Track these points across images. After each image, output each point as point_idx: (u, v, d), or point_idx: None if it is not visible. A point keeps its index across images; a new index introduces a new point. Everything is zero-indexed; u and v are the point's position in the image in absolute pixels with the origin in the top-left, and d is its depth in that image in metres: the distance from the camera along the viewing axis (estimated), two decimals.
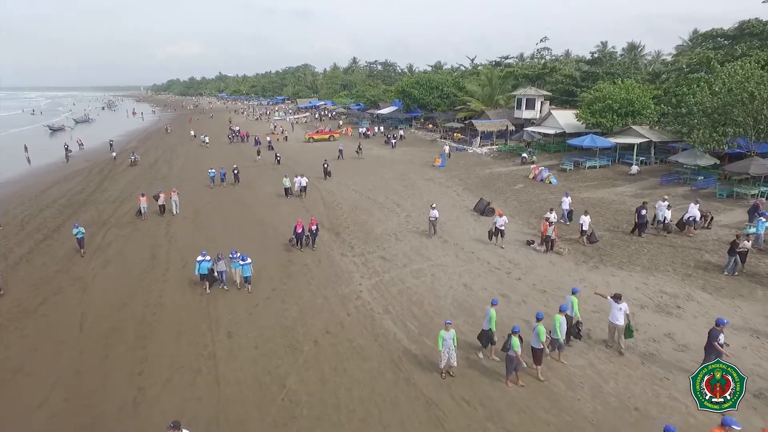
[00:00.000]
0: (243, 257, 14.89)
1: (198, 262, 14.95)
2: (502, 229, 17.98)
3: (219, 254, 15.19)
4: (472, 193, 27.25)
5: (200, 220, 23.58)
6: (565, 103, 48.16)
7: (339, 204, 25.61)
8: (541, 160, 35.80)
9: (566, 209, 20.80)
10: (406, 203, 25.37)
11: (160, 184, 32.96)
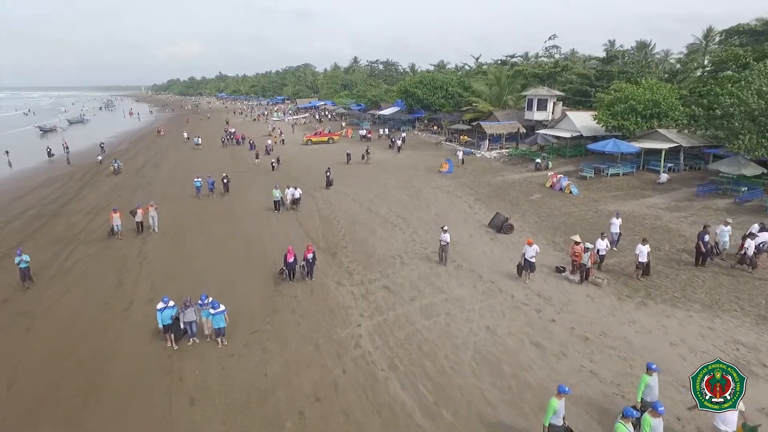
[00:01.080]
0: (214, 304, 11.85)
1: (159, 311, 11.74)
2: (533, 261, 14.73)
3: (186, 301, 11.94)
4: (485, 204, 24.53)
5: (181, 237, 20.88)
6: (578, 104, 45.43)
7: (337, 217, 22.92)
8: (557, 166, 33.08)
9: (616, 233, 17.60)
10: (412, 217, 22.66)
11: (144, 192, 30.40)
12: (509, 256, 17.24)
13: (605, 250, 15.41)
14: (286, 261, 15.32)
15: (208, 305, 11.77)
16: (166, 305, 11.66)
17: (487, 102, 48.17)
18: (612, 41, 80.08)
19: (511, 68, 54.78)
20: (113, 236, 20.59)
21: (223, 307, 11.67)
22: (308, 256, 15.40)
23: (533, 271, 14.85)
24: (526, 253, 14.69)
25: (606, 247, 15.44)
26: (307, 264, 15.48)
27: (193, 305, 11.74)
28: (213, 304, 11.68)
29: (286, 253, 15.46)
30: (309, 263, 15.46)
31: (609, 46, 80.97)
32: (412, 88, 59.03)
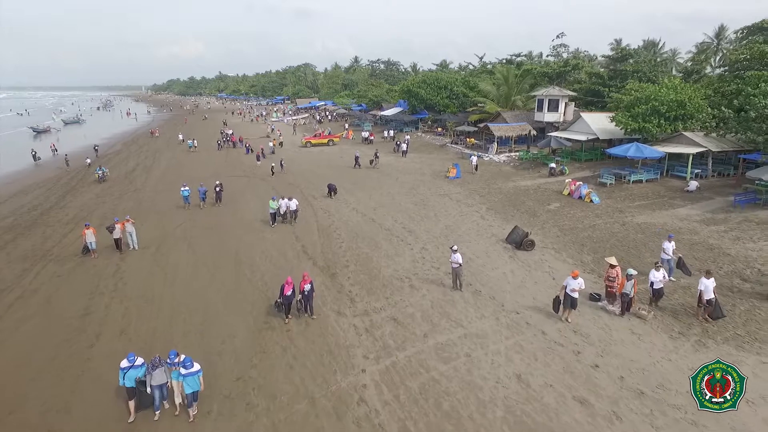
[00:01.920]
0: (186, 363, 9.26)
1: (121, 370, 9.29)
2: (576, 296, 12.09)
3: (154, 361, 9.44)
4: (499, 215, 22.44)
5: (163, 253, 18.79)
6: (590, 105, 43.36)
7: (337, 230, 20.84)
8: (572, 171, 31.00)
9: (669, 258, 14.68)
10: (420, 229, 20.58)
11: (131, 199, 28.37)
12: (533, 278, 15.15)
13: (661, 282, 12.69)
14: (282, 294, 12.79)
15: (179, 365, 9.32)
16: (132, 365, 9.23)
17: (494, 102, 46.10)
18: (618, 40, 78.05)
19: (518, 67, 52.64)
20: (87, 254, 18.35)
21: (197, 367, 9.25)
22: (305, 288, 12.80)
23: (574, 308, 12.27)
24: (568, 285, 12.09)
25: (663, 279, 12.70)
26: (305, 297, 12.92)
27: (162, 365, 9.34)
28: (184, 362, 9.25)
29: (283, 285, 12.80)
30: (306, 296, 12.91)
31: (616, 45, 79.24)
32: (416, 88, 57.03)
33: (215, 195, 25.56)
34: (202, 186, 25.47)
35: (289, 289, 12.69)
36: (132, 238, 19.00)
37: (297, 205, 21.74)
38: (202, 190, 25.12)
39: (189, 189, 25.12)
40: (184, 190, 25.03)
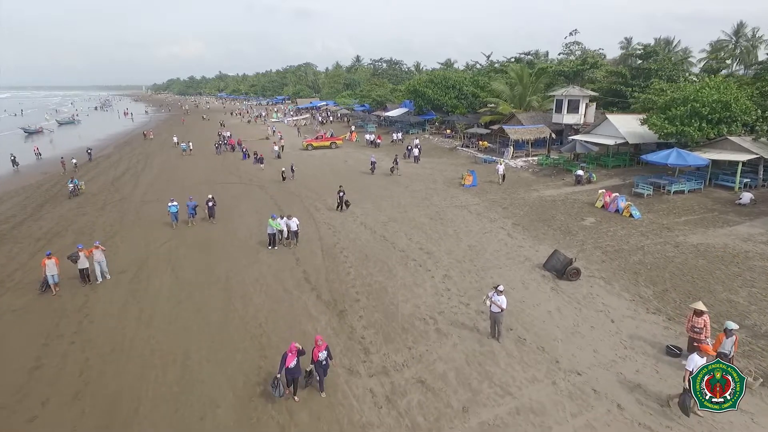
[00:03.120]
0: None
1: None
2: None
3: None
4: (528, 232, 19.67)
5: (141, 281, 16.06)
6: (611, 105, 40.60)
7: (343, 250, 18.09)
8: (599, 179, 28.22)
9: None
10: (439, 250, 17.82)
11: (114, 210, 25.66)
12: (586, 320, 12.40)
13: None
14: (284, 364, 9.32)
15: None
16: None
17: (507, 103, 43.32)
18: (629, 39, 75.42)
19: (530, 66, 49.82)
20: (47, 291, 15.07)
21: None
22: (319, 356, 9.56)
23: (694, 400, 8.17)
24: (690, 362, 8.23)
25: None
26: (318, 369, 9.66)
27: None
28: None
29: (285, 354, 9.41)
30: (321, 367, 9.66)
31: (626, 44, 76.42)
32: (422, 88, 54.25)
33: (207, 210, 22.38)
34: (192, 200, 22.23)
35: (293, 360, 9.36)
36: (102, 267, 15.94)
37: (298, 225, 18.76)
38: (192, 204, 21.95)
39: (178, 204, 21.76)
40: (172, 205, 21.57)
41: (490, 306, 11.27)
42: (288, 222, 18.38)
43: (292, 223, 18.36)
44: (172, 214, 21.52)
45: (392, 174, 32.28)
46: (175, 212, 21.53)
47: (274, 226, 18.28)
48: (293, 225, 18.43)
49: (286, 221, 18.40)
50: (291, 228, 18.39)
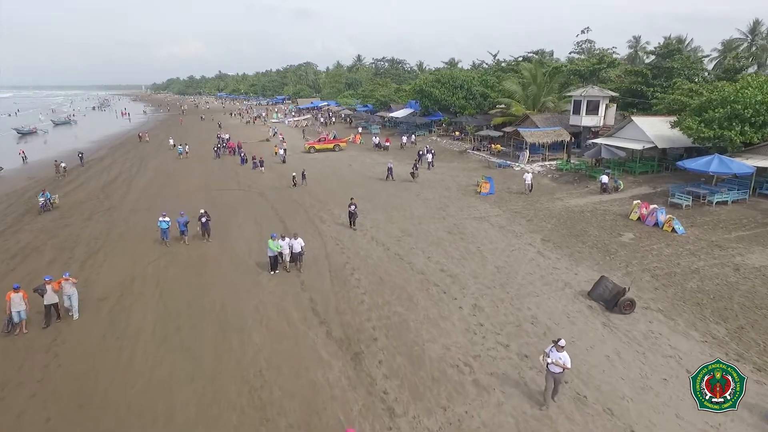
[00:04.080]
0: None
1: None
2: None
3: None
4: (561, 250, 17.52)
5: (123, 310, 13.92)
6: (630, 106, 38.44)
7: (354, 272, 15.97)
8: (626, 186, 26.08)
9: None
10: (463, 272, 15.69)
11: (101, 221, 23.54)
12: (654, 369, 10.23)
13: None
14: None
15: None
16: None
17: (519, 104, 41.18)
18: (637, 37, 73.32)
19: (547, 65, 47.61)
20: (11, 331, 12.52)
21: None
22: None
23: None
24: None
25: None
26: None
27: None
28: None
29: None
30: None
31: (634, 43, 74.29)
32: (429, 88, 52.13)
33: (201, 227, 19.48)
34: (183, 216, 19.30)
35: None
36: (72, 301, 13.36)
37: (302, 246, 16.17)
38: (182, 221, 19.05)
39: (168, 220, 19.06)
40: (163, 221, 18.91)
41: (547, 365, 9.04)
42: (292, 243, 15.99)
43: (296, 244, 16.00)
44: (162, 231, 18.95)
45: (413, 180, 29.91)
46: (165, 229, 18.95)
47: (274, 248, 15.78)
48: (297, 246, 15.99)
49: (289, 242, 16.01)
50: (295, 249, 15.98)
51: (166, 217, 19.11)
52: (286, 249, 15.83)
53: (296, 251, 15.95)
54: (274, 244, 15.82)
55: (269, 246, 15.87)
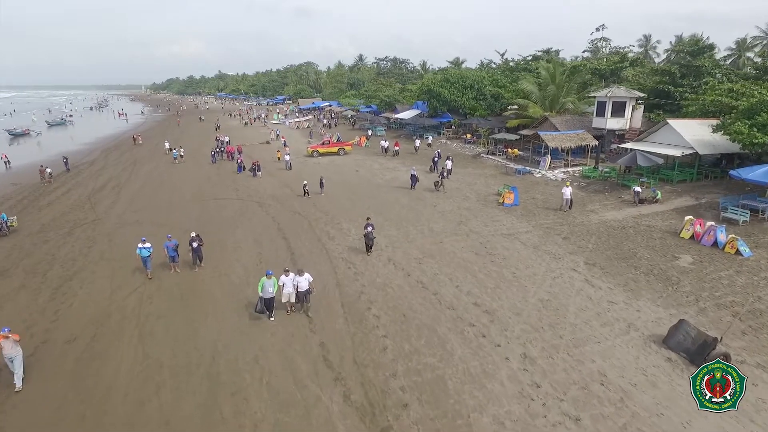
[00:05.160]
0: None
1: None
2: None
3: None
4: (612, 277, 15.01)
5: (91, 364, 11.33)
6: (656, 107, 35.90)
7: (371, 306, 13.46)
8: (666, 197, 23.57)
9: None
10: (501, 306, 13.19)
11: (83, 235, 21.14)
12: None
13: None
14: None
15: None
16: None
17: (536, 105, 38.69)
18: (648, 36, 70.87)
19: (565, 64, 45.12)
20: None
21: None
22: None
23: None
24: None
25: None
26: None
27: None
28: None
29: None
30: None
31: (644, 42, 71.85)
32: (437, 88, 49.68)
33: (191, 252, 16.40)
34: (171, 240, 16.07)
35: None
36: (14, 366, 10.35)
37: (310, 283, 12.92)
38: (171, 245, 15.88)
39: (151, 247, 15.83)
40: (144, 248, 15.62)
41: None
42: (297, 280, 12.67)
43: (302, 281, 12.68)
44: (143, 260, 15.68)
45: (438, 190, 27.08)
46: (147, 257, 15.66)
47: (271, 289, 12.48)
48: (304, 283, 12.67)
49: (294, 279, 12.69)
50: (300, 287, 12.67)
51: (147, 244, 15.74)
52: (289, 287, 12.67)
53: (302, 289, 12.74)
54: (269, 282, 12.47)
55: (262, 284, 12.53)
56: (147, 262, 15.75)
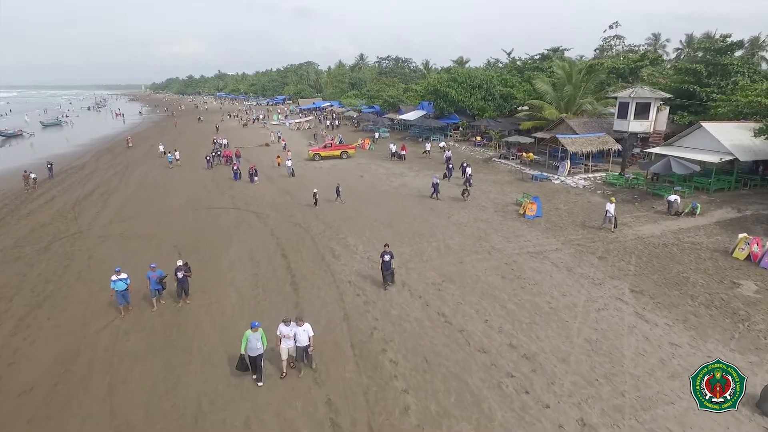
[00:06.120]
0: None
1: None
2: None
3: None
4: (665, 310, 12.85)
5: (46, 425, 9.30)
6: (680, 109, 33.73)
7: (386, 348, 11.30)
8: (704, 208, 21.42)
9: None
10: (543, 349, 11.05)
11: (60, 252, 19.06)
12: None
13: None
14: None
15: None
16: None
17: (551, 106, 36.54)
18: (656, 35, 68.75)
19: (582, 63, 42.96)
20: None
21: None
22: None
23: None
24: None
25: None
26: None
27: None
28: None
29: None
30: None
31: (653, 40, 69.67)
32: (444, 88, 47.53)
33: (177, 285, 13.70)
34: (155, 270, 13.36)
35: None
36: None
37: (311, 337, 10.16)
38: (155, 277, 13.28)
39: (128, 278, 13.13)
40: (119, 280, 12.92)
41: None
42: (295, 331, 10.02)
43: (301, 334, 10.01)
44: (118, 294, 12.98)
45: (465, 198, 24.88)
46: (123, 291, 12.99)
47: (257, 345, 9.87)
48: (303, 337, 10.01)
49: (291, 330, 10.04)
50: (300, 342, 10.04)
51: (122, 275, 13.05)
52: (290, 341, 10.05)
53: (301, 345, 10.05)
54: (255, 336, 9.80)
55: (246, 341, 9.85)
56: (124, 298, 13.13)
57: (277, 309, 13.39)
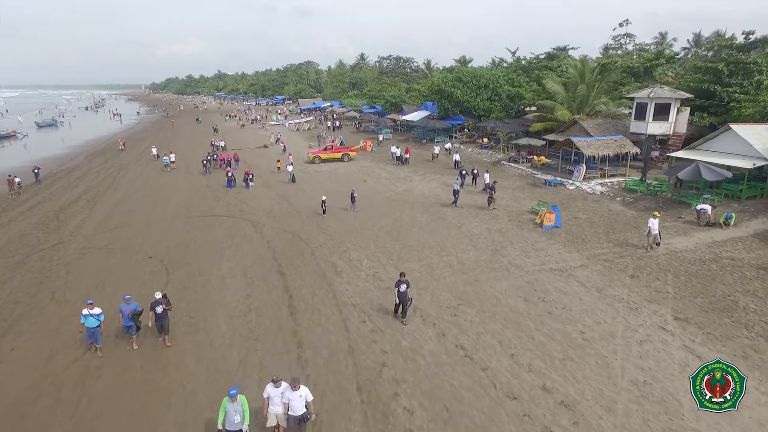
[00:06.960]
0: None
1: None
2: None
3: None
4: (715, 339, 11.17)
5: None
6: (699, 109, 32.06)
7: (398, 390, 9.61)
8: (738, 217, 19.75)
9: None
10: (582, 393, 9.39)
11: (38, 265, 17.50)
12: None
13: None
14: None
15: None
16: None
17: (563, 106, 34.86)
18: (663, 34, 67.03)
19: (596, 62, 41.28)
20: None
21: None
22: None
23: None
24: None
25: None
26: None
27: None
28: None
29: None
30: None
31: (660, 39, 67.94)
32: (449, 88, 45.89)
33: (155, 320, 11.41)
34: (129, 303, 11.49)
35: None
36: None
37: (309, 403, 8.23)
38: (128, 311, 11.34)
39: (102, 313, 11.25)
40: (90, 315, 11.01)
41: None
42: (288, 397, 8.11)
43: (296, 400, 8.07)
44: (88, 331, 11.10)
45: (490, 208, 22.84)
46: (94, 328, 11.07)
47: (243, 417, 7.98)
48: (298, 405, 8.08)
49: (286, 394, 8.15)
50: (295, 410, 8.09)
51: (95, 309, 11.14)
52: (277, 406, 8.18)
53: (296, 413, 8.09)
54: (234, 407, 7.93)
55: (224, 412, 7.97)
56: (94, 336, 11.18)
57: (272, 339, 11.74)
